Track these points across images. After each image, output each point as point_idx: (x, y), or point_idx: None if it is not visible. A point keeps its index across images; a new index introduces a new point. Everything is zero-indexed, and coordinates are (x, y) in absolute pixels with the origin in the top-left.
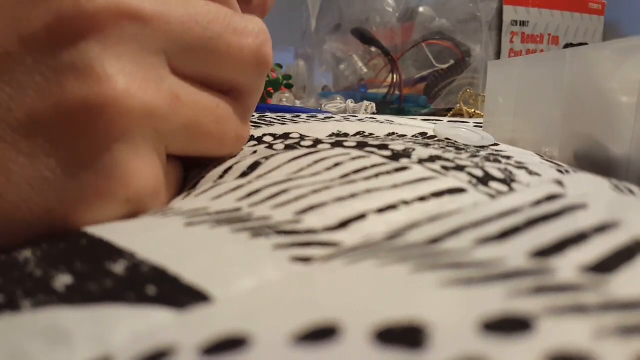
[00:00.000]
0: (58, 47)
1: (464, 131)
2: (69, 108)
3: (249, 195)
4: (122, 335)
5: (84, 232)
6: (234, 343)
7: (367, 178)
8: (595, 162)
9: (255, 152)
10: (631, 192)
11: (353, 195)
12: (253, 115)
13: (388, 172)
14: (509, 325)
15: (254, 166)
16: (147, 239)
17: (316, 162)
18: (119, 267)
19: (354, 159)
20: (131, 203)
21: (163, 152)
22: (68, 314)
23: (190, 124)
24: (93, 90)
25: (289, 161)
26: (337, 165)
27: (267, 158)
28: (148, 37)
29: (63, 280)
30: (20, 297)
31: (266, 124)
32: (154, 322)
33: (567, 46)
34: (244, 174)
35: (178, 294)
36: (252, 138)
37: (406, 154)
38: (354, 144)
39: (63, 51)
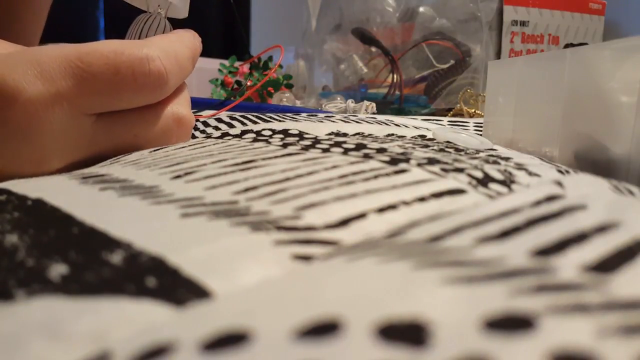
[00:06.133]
0: None
1: (463, 136)
2: None
3: (246, 190)
4: (122, 330)
5: (73, 218)
6: (235, 339)
7: (366, 179)
8: (595, 162)
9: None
10: (631, 192)
11: (353, 195)
12: (253, 114)
13: (387, 174)
14: (512, 324)
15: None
16: (143, 229)
17: (314, 164)
18: (116, 257)
19: (352, 163)
20: None
21: None
22: (65, 305)
23: None
24: None
25: (283, 156)
26: (335, 167)
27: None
28: None
29: (58, 269)
30: (13, 286)
31: (264, 121)
32: (154, 317)
33: (567, 46)
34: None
35: (178, 287)
36: (250, 131)
37: (405, 157)
38: (352, 146)
39: None
